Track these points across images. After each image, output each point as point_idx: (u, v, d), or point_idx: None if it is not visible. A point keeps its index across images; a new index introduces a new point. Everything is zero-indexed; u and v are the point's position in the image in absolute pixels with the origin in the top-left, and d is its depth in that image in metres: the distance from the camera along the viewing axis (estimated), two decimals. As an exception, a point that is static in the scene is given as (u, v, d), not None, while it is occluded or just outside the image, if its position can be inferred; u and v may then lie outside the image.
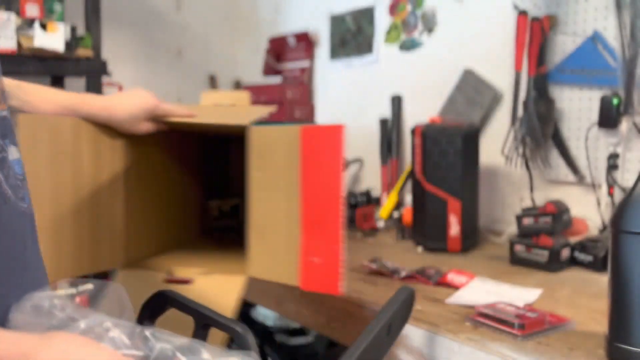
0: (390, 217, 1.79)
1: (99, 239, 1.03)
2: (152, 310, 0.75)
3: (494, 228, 1.68)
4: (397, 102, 1.98)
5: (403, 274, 1.21)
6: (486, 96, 1.71)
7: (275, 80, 2.29)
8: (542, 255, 1.26)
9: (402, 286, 0.86)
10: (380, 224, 1.70)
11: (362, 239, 1.62)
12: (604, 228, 1.42)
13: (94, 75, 1.90)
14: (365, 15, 2.11)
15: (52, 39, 1.74)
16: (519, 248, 1.30)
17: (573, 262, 1.29)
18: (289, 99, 2.26)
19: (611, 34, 1.44)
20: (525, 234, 1.31)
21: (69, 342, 0.55)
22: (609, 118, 1.38)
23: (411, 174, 1.53)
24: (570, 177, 1.55)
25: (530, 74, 1.52)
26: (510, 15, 1.65)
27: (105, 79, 2.02)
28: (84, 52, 1.84)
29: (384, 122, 1.99)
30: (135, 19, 2.43)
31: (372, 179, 2.10)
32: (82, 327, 0.56)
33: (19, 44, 1.70)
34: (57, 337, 0.56)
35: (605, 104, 1.38)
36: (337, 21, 2.23)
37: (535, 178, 1.60)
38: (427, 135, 1.43)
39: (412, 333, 0.96)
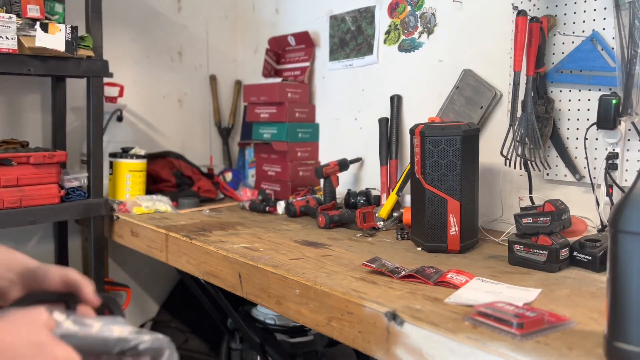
0: (389, 216, 1.79)
1: None
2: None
3: (493, 228, 1.69)
4: (396, 102, 1.99)
5: (402, 273, 1.21)
6: (485, 96, 1.72)
7: (275, 80, 2.29)
8: (541, 255, 1.27)
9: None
10: (380, 223, 1.71)
11: (362, 238, 1.63)
12: (602, 228, 1.43)
13: (95, 75, 1.90)
14: (365, 16, 2.12)
15: (53, 39, 1.74)
16: (518, 248, 1.31)
17: (572, 261, 1.30)
18: (289, 99, 2.27)
19: (610, 35, 1.45)
20: (525, 234, 1.32)
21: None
22: (607, 118, 1.38)
23: (410, 174, 1.54)
24: (569, 177, 1.55)
25: (529, 74, 1.53)
26: (509, 16, 1.66)
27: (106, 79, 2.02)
28: (85, 52, 1.85)
29: (383, 122, 1.99)
30: (135, 19, 2.43)
31: (371, 179, 2.11)
32: None
33: (20, 44, 1.70)
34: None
35: (603, 104, 1.39)
36: (337, 21, 2.24)
37: (534, 178, 1.60)
38: (427, 135, 1.44)
39: (412, 332, 0.97)
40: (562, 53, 1.54)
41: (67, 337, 0.74)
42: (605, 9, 1.45)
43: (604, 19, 1.46)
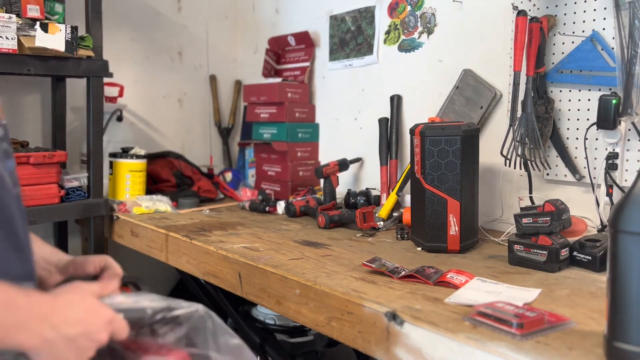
0: (389, 216, 1.79)
1: None
2: None
3: (493, 228, 1.69)
4: (396, 102, 1.99)
5: (402, 273, 1.21)
6: (485, 96, 1.72)
7: (275, 80, 2.29)
8: (541, 255, 1.27)
9: None
10: (380, 223, 1.71)
11: (362, 238, 1.63)
12: (602, 228, 1.43)
13: (95, 75, 1.90)
14: (365, 16, 2.12)
15: (53, 39, 1.74)
16: (518, 248, 1.31)
17: (572, 261, 1.30)
18: (289, 99, 2.27)
19: (610, 35, 1.45)
20: (524, 234, 1.31)
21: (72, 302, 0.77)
22: (607, 118, 1.38)
23: (410, 174, 1.54)
24: (569, 177, 1.55)
25: (529, 74, 1.53)
26: (509, 16, 1.66)
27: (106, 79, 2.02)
28: (85, 52, 1.85)
29: (383, 122, 1.99)
30: (135, 19, 2.43)
31: (371, 179, 2.11)
32: None
33: (20, 44, 1.70)
34: (63, 298, 0.77)
35: (603, 104, 1.39)
36: (337, 21, 2.24)
37: (534, 178, 1.60)
38: (427, 135, 1.44)
39: (412, 332, 0.97)
40: (562, 53, 1.54)
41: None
42: (605, 9, 1.45)
43: (604, 19, 1.46)
